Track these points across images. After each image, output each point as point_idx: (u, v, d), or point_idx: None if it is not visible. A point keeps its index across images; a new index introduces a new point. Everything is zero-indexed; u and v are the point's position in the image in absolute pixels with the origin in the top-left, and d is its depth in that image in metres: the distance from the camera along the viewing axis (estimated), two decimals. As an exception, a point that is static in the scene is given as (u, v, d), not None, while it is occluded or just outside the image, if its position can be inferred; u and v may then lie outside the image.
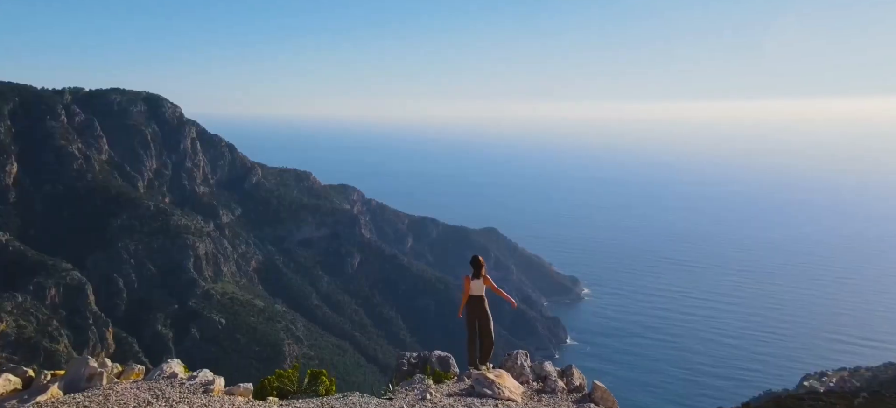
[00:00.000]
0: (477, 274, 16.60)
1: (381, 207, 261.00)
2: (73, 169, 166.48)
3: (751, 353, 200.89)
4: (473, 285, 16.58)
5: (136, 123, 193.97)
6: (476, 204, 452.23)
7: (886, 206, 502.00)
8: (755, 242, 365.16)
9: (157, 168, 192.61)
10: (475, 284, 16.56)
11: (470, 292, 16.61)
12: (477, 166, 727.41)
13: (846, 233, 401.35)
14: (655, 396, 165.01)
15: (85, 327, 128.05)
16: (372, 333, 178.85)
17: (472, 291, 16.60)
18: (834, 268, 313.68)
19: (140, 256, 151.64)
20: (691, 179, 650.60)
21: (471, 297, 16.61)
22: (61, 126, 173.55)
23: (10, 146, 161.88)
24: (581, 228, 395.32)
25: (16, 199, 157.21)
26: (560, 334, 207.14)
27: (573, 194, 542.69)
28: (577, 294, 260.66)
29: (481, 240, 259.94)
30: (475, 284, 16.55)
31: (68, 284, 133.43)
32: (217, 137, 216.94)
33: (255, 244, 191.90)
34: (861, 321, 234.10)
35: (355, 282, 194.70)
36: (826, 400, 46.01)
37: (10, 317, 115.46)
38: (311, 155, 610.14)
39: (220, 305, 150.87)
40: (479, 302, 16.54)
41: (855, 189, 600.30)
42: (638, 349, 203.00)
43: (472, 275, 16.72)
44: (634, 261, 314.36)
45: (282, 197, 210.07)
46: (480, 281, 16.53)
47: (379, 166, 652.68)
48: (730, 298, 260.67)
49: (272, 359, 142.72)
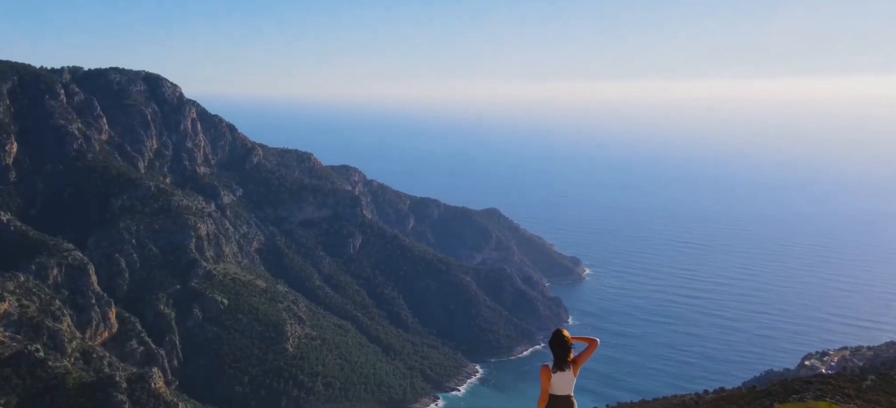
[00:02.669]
0: (562, 363, 11.30)
1: (383, 188, 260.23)
2: (73, 149, 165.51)
3: (752, 333, 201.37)
4: (557, 381, 11.16)
5: (135, 103, 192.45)
6: (478, 185, 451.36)
7: (891, 185, 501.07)
8: (757, 223, 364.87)
9: (158, 148, 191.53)
10: (560, 380, 11.16)
11: (552, 391, 11.15)
12: (478, 147, 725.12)
13: (850, 212, 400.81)
14: (654, 379, 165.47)
15: (87, 307, 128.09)
16: (374, 313, 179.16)
17: (554, 389, 11.12)
18: (836, 248, 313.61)
19: (141, 237, 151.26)
20: (694, 159, 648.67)
21: (552, 397, 11.16)
22: (61, 105, 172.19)
23: (10, 126, 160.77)
24: (582, 208, 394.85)
25: (16, 178, 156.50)
26: (561, 314, 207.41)
27: (575, 175, 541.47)
28: (579, 275, 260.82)
29: (483, 221, 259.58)
30: (560, 379, 11.18)
31: (70, 264, 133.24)
32: (217, 118, 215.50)
33: (257, 225, 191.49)
34: (863, 301, 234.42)
35: (357, 263, 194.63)
36: (834, 383, 45.64)
37: (12, 296, 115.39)
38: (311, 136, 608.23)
39: (222, 285, 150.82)
40: (567, 405, 11.14)
41: (860, 168, 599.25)
42: (639, 330, 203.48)
43: (554, 365, 11.44)
44: (636, 241, 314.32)
45: (283, 178, 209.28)
46: (569, 372, 11.20)
47: (380, 147, 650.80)
48: (731, 277, 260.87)
49: (274, 339, 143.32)
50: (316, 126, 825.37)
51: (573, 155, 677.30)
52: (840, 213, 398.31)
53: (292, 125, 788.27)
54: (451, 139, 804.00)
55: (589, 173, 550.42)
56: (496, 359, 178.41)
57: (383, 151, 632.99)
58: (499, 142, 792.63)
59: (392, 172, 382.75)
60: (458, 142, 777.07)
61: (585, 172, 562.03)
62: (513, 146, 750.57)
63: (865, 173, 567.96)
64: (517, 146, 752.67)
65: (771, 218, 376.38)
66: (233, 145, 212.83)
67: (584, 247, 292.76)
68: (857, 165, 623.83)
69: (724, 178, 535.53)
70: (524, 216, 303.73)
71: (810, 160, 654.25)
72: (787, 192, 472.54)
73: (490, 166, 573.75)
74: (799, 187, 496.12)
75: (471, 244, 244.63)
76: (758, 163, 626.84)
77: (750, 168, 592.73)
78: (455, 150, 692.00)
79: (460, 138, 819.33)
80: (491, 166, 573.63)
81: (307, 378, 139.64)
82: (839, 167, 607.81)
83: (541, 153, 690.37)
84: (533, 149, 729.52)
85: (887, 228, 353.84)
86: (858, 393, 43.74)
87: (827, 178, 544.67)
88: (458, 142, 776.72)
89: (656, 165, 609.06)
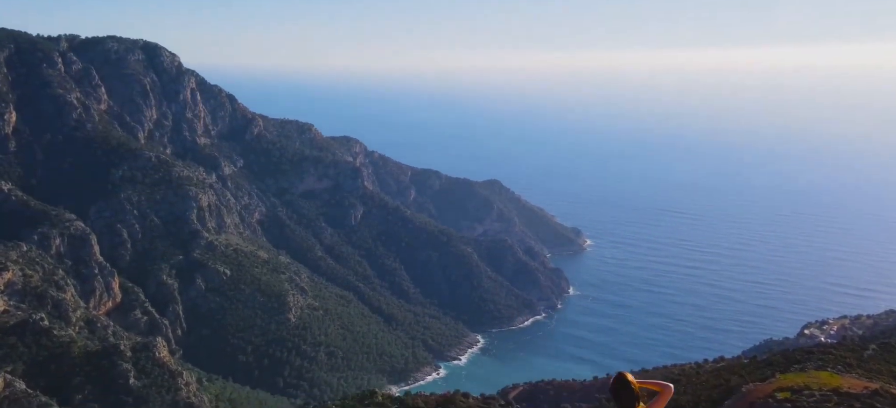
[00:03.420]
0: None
1: (384, 159, 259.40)
2: (72, 119, 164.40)
3: (751, 303, 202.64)
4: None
5: (134, 72, 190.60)
6: (479, 156, 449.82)
7: (890, 154, 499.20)
8: (758, 193, 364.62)
9: (157, 119, 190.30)
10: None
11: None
12: (480, 118, 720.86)
13: (850, 182, 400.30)
14: (654, 349, 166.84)
15: (90, 277, 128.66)
16: (375, 284, 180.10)
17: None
18: (836, 217, 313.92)
19: (143, 207, 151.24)
20: (694, 129, 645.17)
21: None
22: (59, 75, 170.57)
23: (8, 95, 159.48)
24: (584, 179, 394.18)
25: (16, 148, 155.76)
26: (562, 285, 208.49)
27: (576, 146, 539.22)
28: (580, 245, 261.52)
29: (484, 192, 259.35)
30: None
31: (72, 234, 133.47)
32: (217, 88, 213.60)
33: (258, 196, 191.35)
34: (862, 269, 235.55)
35: (358, 234, 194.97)
36: (836, 353, 45.83)
37: (15, 266, 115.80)
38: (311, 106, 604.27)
39: (224, 256, 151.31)
40: None
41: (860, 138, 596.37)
42: (639, 301, 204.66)
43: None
44: (637, 212, 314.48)
45: (284, 149, 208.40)
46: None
47: (381, 118, 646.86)
48: (731, 248, 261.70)
49: (277, 310, 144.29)
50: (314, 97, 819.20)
51: (575, 126, 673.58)
52: (840, 182, 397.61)
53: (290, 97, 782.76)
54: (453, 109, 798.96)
55: (591, 144, 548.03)
56: (497, 329, 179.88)
57: (384, 120, 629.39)
58: (500, 112, 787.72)
59: (393, 143, 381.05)
60: (460, 112, 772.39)
61: (587, 142, 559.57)
62: (515, 116, 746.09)
63: (866, 143, 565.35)
64: (519, 116, 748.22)
65: (771, 188, 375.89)
66: (233, 116, 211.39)
67: (586, 218, 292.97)
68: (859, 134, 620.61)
69: (725, 148, 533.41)
70: (525, 187, 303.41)
71: (810, 130, 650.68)
72: (788, 162, 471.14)
73: (491, 138, 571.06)
74: (798, 158, 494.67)
75: (472, 215, 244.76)
76: (758, 133, 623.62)
77: (750, 139, 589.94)
78: (456, 120, 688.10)
79: (462, 109, 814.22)
80: (492, 138, 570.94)
81: (310, 348, 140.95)
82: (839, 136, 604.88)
83: (542, 123, 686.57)
84: (534, 119, 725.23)
85: (888, 198, 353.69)
86: (860, 363, 43.95)
87: (827, 147, 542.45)
88: (459, 112, 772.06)
89: (659, 135, 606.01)
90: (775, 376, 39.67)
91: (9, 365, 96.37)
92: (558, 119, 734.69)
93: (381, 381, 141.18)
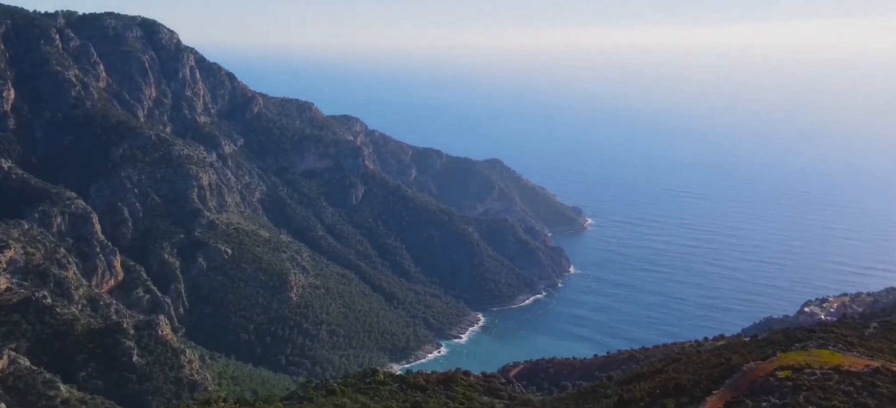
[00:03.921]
0: None
1: (384, 139, 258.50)
2: (71, 97, 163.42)
3: (751, 281, 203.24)
4: None
5: (132, 50, 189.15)
6: (480, 135, 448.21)
7: (891, 134, 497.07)
8: (758, 172, 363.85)
9: (157, 97, 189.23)
10: None
11: None
12: (481, 97, 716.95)
13: (850, 161, 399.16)
14: (653, 327, 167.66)
15: (92, 255, 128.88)
16: (376, 263, 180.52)
17: None
18: (837, 196, 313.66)
19: (143, 186, 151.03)
20: (695, 109, 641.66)
21: None
22: (56, 51, 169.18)
23: (6, 71, 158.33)
24: (585, 158, 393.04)
25: (15, 126, 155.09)
26: (563, 264, 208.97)
27: (578, 125, 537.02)
28: (581, 225, 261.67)
29: (485, 171, 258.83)
30: None
31: (73, 213, 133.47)
32: (216, 66, 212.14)
33: (259, 175, 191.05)
34: (862, 247, 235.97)
35: (359, 213, 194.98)
36: (837, 331, 45.79)
37: (17, 244, 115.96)
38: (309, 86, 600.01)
39: (226, 235, 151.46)
40: None
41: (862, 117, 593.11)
42: (640, 280, 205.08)
43: None
44: (638, 191, 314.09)
45: (284, 128, 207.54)
46: None
47: (381, 97, 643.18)
48: (732, 227, 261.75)
49: (279, 288, 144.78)
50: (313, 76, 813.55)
51: (576, 105, 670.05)
52: (840, 161, 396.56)
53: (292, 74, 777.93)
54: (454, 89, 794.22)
55: (592, 123, 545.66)
56: (498, 307, 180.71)
57: (385, 99, 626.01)
58: (501, 92, 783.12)
59: (393, 123, 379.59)
60: (461, 92, 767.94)
61: (589, 121, 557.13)
62: (516, 96, 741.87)
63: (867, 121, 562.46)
64: (520, 96, 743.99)
65: (771, 167, 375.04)
66: (232, 94, 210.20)
67: (587, 197, 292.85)
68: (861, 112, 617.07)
69: (727, 127, 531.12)
70: (526, 166, 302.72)
71: (812, 109, 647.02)
72: (789, 141, 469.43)
73: (492, 117, 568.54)
74: (799, 137, 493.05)
75: (473, 194, 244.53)
76: (760, 112, 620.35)
77: (752, 118, 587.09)
78: (457, 100, 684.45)
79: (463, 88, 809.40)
80: (493, 117, 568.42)
81: (312, 326, 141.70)
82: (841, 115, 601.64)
83: (544, 103, 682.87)
84: (536, 99, 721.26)
85: (887, 176, 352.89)
86: (861, 341, 43.93)
87: (828, 126, 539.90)
88: (460, 91, 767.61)
89: (660, 114, 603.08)
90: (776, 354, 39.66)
91: (13, 342, 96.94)
92: (559, 98, 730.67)
93: (383, 359, 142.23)
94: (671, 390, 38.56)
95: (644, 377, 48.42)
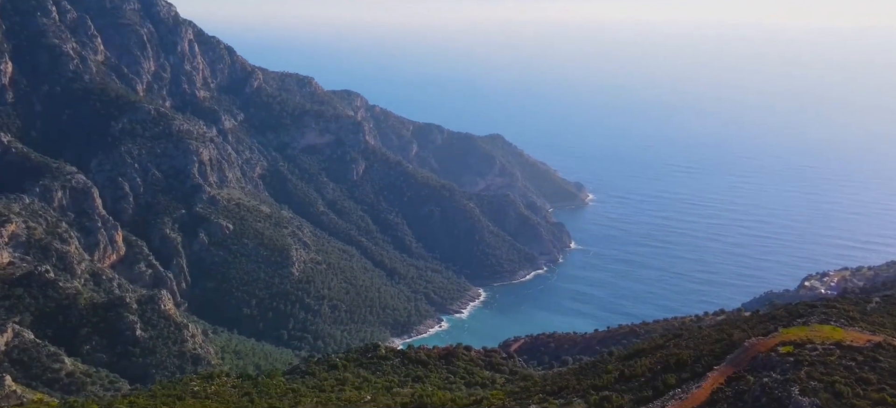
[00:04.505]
0: None
1: (385, 114, 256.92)
2: (69, 70, 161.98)
3: (752, 255, 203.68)
4: None
5: (130, 22, 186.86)
6: (481, 110, 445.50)
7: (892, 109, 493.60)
8: (759, 147, 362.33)
9: (155, 70, 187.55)
10: None
11: None
12: (482, 72, 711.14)
13: (854, 135, 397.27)
14: (654, 302, 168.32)
15: (94, 230, 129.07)
16: (378, 238, 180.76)
17: None
18: (836, 170, 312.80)
19: (143, 161, 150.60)
20: (698, 84, 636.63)
21: None
22: (53, 24, 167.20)
23: (3, 44, 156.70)
24: (587, 134, 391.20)
25: (14, 99, 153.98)
26: (564, 239, 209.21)
27: (579, 100, 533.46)
28: (582, 200, 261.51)
29: (487, 147, 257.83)
30: None
31: (74, 187, 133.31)
32: (215, 39, 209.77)
33: (259, 150, 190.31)
34: (863, 222, 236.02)
35: (360, 188, 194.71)
36: (839, 306, 45.73)
37: (18, 218, 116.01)
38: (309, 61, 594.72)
39: (227, 210, 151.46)
40: None
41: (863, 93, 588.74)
42: (640, 255, 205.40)
43: None
44: (640, 167, 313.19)
45: (284, 102, 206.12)
46: None
47: (382, 72, 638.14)
48: (733, 202, 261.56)
49: (280, 263, 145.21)
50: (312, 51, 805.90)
51: (577, 80, 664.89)
52: (841, 136, 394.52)
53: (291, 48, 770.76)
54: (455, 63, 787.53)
55: (594, 98, 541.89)
56: (499, 283, 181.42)
57: (385, 74, 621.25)
58: (502, 66, 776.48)
59: (394, 97, 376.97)
60: (462, 66, 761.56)
61: (590, 96, 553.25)
62: (517, 71, 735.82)
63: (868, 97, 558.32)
64: (522, 70, 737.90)
65: (772, 143, 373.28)
66: (232, 69, 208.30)
67: (588, 173, 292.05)
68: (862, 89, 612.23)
69: (728, 103, 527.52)
70: (528, 142, 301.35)
71: (814, 85, 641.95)
72: (790, 117, 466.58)
73: (494, 92, 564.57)
74: (800, 111, 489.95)
75: (474, 170, 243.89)
76: (761, 88, 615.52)
77: (753, 94, 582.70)
78: (458, 75, 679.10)
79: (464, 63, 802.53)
80: (495, 92, 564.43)
81: (313, 301, 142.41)
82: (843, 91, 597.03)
83: (545, 78, 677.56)
84: (537, 74, 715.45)
85: (888, 152, 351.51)
86: (863, 316, 43.84)
87: (829, 102, 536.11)
88: (461, 66, 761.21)
89: (662, 91, 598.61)
90: (778, 330, 39.60)
91: (16, 316, 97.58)
92: (559, 74, 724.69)
93: (385, 334, 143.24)
94: (672, 366, 38.52)
95: (645, 352, 48.45)
